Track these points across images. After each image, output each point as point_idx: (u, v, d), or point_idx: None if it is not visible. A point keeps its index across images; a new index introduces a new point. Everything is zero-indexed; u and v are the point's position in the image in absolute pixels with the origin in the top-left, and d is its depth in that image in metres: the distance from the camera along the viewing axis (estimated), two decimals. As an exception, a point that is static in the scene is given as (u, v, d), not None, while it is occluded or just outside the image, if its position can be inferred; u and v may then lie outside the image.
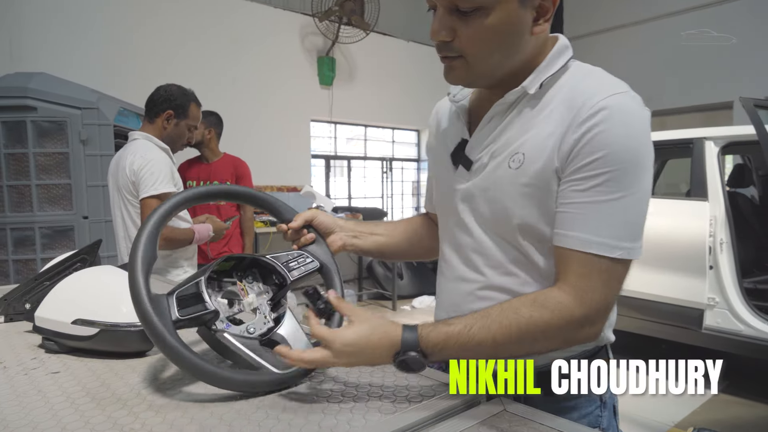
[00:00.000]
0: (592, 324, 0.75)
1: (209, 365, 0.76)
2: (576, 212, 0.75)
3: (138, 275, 0.77)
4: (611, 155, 0.72)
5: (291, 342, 0.86)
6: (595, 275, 0.74)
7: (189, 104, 2.18)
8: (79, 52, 4.20)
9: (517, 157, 0.79)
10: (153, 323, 0.74)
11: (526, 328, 0.73)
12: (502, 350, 0.74)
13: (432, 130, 1.01)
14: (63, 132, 2.66)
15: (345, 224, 1.05)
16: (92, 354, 0.98)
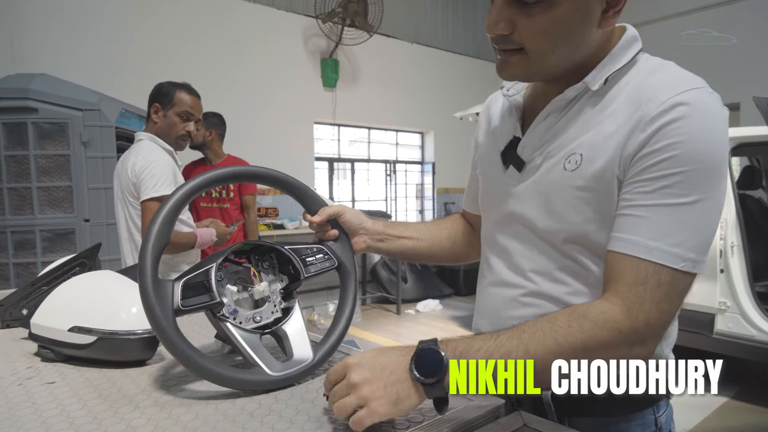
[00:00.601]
0: (643, 343, 0.67)
1: (201, 358, 0.75)
2: (639, 215, 0.67)
3: (147, 257, 0.75)
4: (686, 155, 0.65)
5: (293, 341, 0.85)
6: (651, 287, 0.65)
7: (174, 91, 2.09)
8: (80, 53, 4.18)
9: (573, 158, 0.73)
10: (152, 309, 0.73)
11: (564, 339, 0.65)
12: (538, 372, 0.66)
13: (482, 125, 0.95)
14: (64, 134, 2.63)
15: (372, 226, 0.99)
16: (90, 363, 0.94)
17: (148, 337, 0.93)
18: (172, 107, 2.08)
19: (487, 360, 0.64)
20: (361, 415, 0.62)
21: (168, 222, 0.79)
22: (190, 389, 0.82)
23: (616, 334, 0.65)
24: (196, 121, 2.17)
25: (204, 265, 0.82)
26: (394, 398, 0.63)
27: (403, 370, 0.65)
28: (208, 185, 0.85)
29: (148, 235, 0.77)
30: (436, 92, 7.06)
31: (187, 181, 0.83)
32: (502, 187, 0.84)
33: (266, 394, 0.79)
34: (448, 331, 4.76)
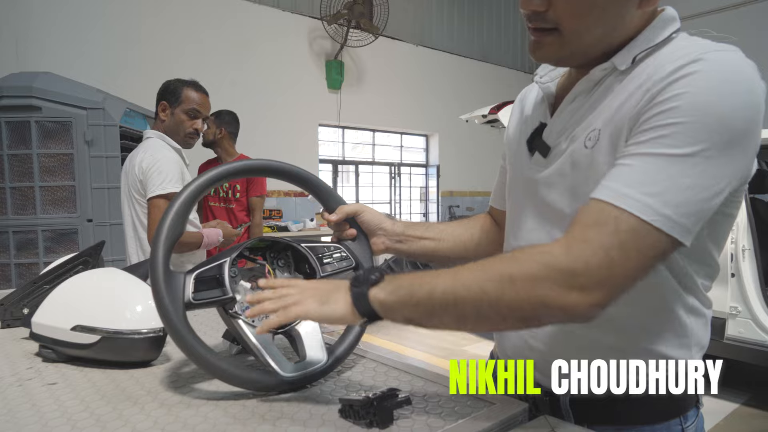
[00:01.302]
0: (582, 289, 0.57)
1: (210, 354, 0.73)
2: (624, 163, 0.61)
3: (159, 247, 0.74)
4: (689, 106, 0.58)
5: (307, 342, 0.83)
6: (606, 231, 0.58)
7: (181, 89, 2.05)
8: (84, 51, 4.16)
9: (592, 134, 0.69)
10: (163, 301, 0.72)
11: (491, 267, 0.61)
12: (462, 300, 0.61)
13: (514, 116, 0.91)
14: (68, 132, 2.60)
15: (391, 227, 0.96)
16: (93, 363, 0.91)
17: (153, 337, 0.89)
18: (180, 105, 2.04)
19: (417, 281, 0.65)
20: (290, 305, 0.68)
21: (182, 213, 0.77)
22: (197, 390, 0.79)
23: (548, 270, 0.58)
24: (205, 119, 2.13)
25: (217, 259, 0.79)
26: (324, 299, 0.68)
27: (338, 284, 0.70)
28: (225, 178, 0.82)
29: (161, 226, 0.75)
30: (440, 95, 7.04)
31: (203, 173, 0.80)
32: (528, 174, 0.80)
33: (277, 395, 0.76)
34: (453, 335, 4.71)
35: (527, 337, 0.79)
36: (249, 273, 0.86)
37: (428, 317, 0.64)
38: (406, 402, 0.67)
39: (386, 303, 0.66)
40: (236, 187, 3.08)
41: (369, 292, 0.67)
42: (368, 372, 0.87)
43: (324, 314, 0.68)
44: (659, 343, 0.71)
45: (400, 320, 0.66)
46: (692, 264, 0.69)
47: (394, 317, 0.66)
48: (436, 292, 0.63)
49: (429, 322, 0.65)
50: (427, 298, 0.63)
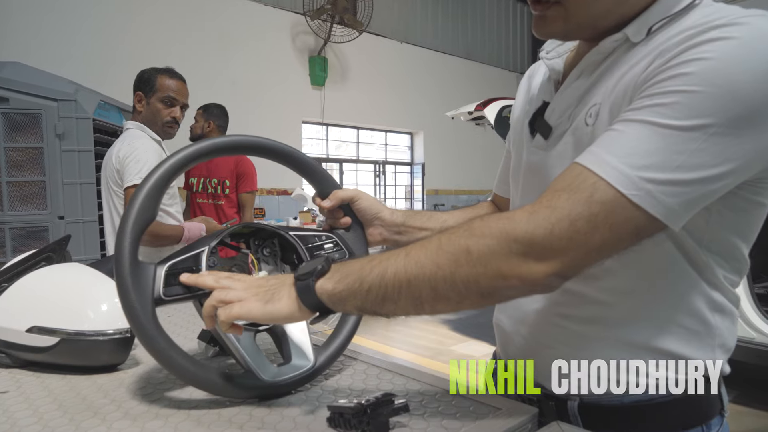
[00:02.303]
0: (540, 258, 0.52)
1: (182, 357, 0.64)
2: (615, 129, 0.54)
3: (126, 234, 0.64)
4: (702, 75, 0.50)
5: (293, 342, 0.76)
6: (577, 199, 0.52)
7: (155, 77, 1.98)
8: (56, 41, 4.01)
9: (593, 109, 0.62)
10: (128, 295, 0.63)
11: (447, 241, 0.55)
12: (416, 279, 0.55)
13: (520, 96, 0.84)
14: (37, 125, 2.47)
15: (390, 217, 0.88)
16: (52, 369, 0.81)
17: (120, 338, 0.81)
18: (155, 93, 1.97)
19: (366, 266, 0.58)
20: (233, 304, 0.61)
21: (153, 196, 0.68)
22: (168, 399, 0.71)
23: (505, 238, 0.53)
24: (183, 106, 2.05)
25: (194, 249, 0.71)
26: (267, 298, 0.62)
27: (284, 279, 0.64)
28: (205, 155, 0.73)
29: (129, 209, 0.66)
30: (425, 93, 6.99)
31: (177, 151, 0.71)
32: (528, 157, 0.74)
33: (258, 402, 0.68)
34: (440, 335, 4.66)
35: (529, 336, 0.72)
36: (230, 263, 0.78)
37: (381, 303, 0.58)
38: (404, 409, 0.60)
39: (335, 293, 0.60)
40: (225, 183, 2.99)
41: (315, 284, 0.60)
42: (358, 375, 0.79)
43: (268, 313, 0.61)
44: (677, 342, 0.64)
45: (351, 310, 0.61)
46: (713, 256, 0.62)
47: (345, 308, 0.60)
48: (387, 275, 0.57)
49: (383, 309, 0.59)
50: (378, 282, 0.57)
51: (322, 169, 0.86)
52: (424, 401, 0.68)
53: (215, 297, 0.63)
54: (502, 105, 4.60)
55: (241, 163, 3.02)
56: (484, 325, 5.02)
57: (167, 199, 2.00)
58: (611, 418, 0.67)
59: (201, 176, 3.04)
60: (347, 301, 0.59)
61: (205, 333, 0.87)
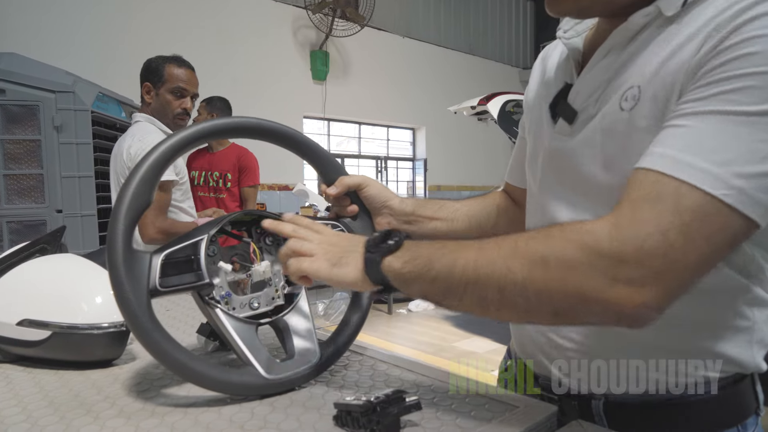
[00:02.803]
0: (631, 282, 0.46)
1: (179, 351, 0.61)
2: (680, 124, 0.49)
3: (119, 221, 0.60)
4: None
5: (297, 335, 0.71)
6: (664, 209, 0.46)
7: (163, 66, 1.91)
8: (54, 32, 3.97)
9: (630, 93, 0.57)
10: (121, 286, 0.59)
11: (524, 245, 0.51)
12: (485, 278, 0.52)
13: (534, 79, 0.79)
14: (35, 117, 2.42)
15: (399, 206, 0.84)
16: (45, 364, 0.78)
17: (115, 332, 0.77)
18: (164, 84, 1.90)
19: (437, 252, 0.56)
20: (303, 258, 0.63)
21: (149, 180, 0.63)
22: (165, 396, 0.67)
23: (587, 253, 0.48)
24: (194, 96, 1.98)
25: (193, 237, 0.66)
26: (335, 261, 0.62)
27: (357, 243, 0.63)
28: (201, 138, 0.69)
29: (122, 195, 0.62)
30: (427, 88, 6.94)
31: (175, 132, 0.67)
32: (551, 144, 0.69)
33: (260, 400, 0.64)
34: (442, 331, 4.63)
35: (553, 333, 0.68)
36: (231, 252, 0.74)
37: (445, 295, 0.55)
38: (416, 406, 0.56)
39: (401, 274, 0.57)
40: (227, 176, 2.96)
41: (382, 260, 0.58)
42: (365, 371, 0.75)
43: (335, 276, 0.61)
44: (714, 339, 0.60)
45: (415, 294, 0.58)
46: (758, 249, 0.58)
47: (409, 290, 0.58)
48: (456, 267, 0.53)
49: (445, 301, 0.56)
50: (446, 273, 0.54)
51: (328, 154, 0.82)
52: (436, 399, 0.64)
53: (290, 246, 0.65)
54: (506, 100, 4.56)
55: (244, 157, 2.99)
56: (487, 322, 4.98)
57: (179, 195, 1.95)
58: (640, 418, 0.63)
59: (203, 169, 3.01)
60: (412, 284, 0.57)
61: (204, 327, 0.83)
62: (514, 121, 4.43)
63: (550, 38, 0.79)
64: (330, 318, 4.41)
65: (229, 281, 0.70)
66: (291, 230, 0.67)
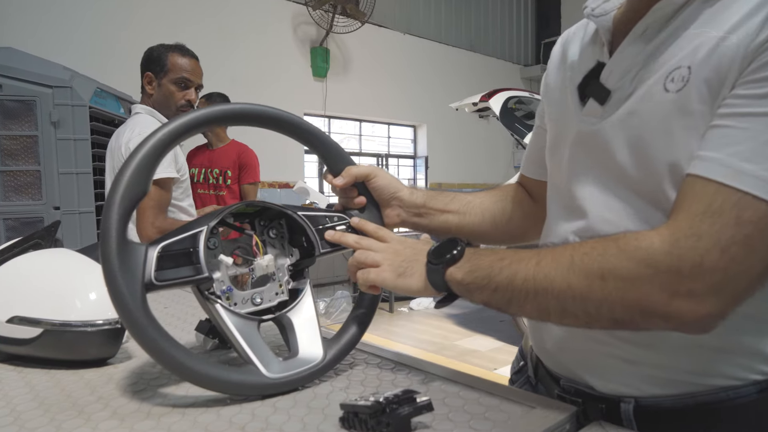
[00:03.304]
0: (692, 295, 0.46)
1: (175, 349, 0.57)
2: (734, 126, 0.47)
3: (113, 210, 0.57)
4: None
5: (300, 333, 0.68)
6: (725, 222, 0.45)
7: (166, 56, 1.82)
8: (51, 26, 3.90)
9: (678, 73, 0.53)
10: (114, 279, 0.55)
11: (580, 260, 0.52)
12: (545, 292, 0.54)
13: (553, 63, 0.76)
14: (31, 112, 2.39)
15: (409, 197, 0.81)
16: (37, 363, 0.75)
17: (110, 330, 0.74)
18: (167, 74, 1.81)
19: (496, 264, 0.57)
20: (369, 269, 0.66)
21: (145, 167, 0.60)
22: (161, 396, 0.64)
23: (646, 269, 0.47)
24: (198, 87, 1.89)
25: (192, 228, 0.63)
26: (400, 270, 0.65)
27: (419, 252, 0.66)
28: (200, 125, 0.66)
29: (117, 183, 0.59)
30: (428, 85, 6.90)
31: (174, 118, 0.64)
32: (580, 127, 0.65)
33: (262, 401, 0.61)
34: (444, 330, 4.59)
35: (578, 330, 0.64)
36: (232, 245, 0.70)
37: (507, 304, 0.58)
38: (427, 407, 0.52)
39: (463, 284, 0.60)
40: (227, 174, 2.93)
41: (445, 271, 0.61)
42: (372, 370, 0.72)
43: (400, 286, 0.65)
44: (759, 337, 0.56)
45: (477, 302, 0.60)
46: None
47: (471, 298, 0.60)
48: (516, 280, 0.56)
49: (508, 309, 0.59)
50: (507, 285, 0.56)
51: (334, 143, 0.79)
52: (447, 398, 0.61)
53: (357, 257, 0.68)
54: (508, 96, 4.51)
55: (244, 154, 2.96)
56: (488, 319, 4.95)
57: (179, 193, 1.86)
58: (672, 423, 0.59)
59: (202, 166, 2.97)
60: (474, 293, 0.59)
61: (203, 324, 0.80)
62: (516, 117, 4.40)
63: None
64: (331, 316, 4.38)
65: (231, 275, 0.66)
66: (354, 242, 0.70)
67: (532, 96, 4.58)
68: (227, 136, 2.99)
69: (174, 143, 0.63)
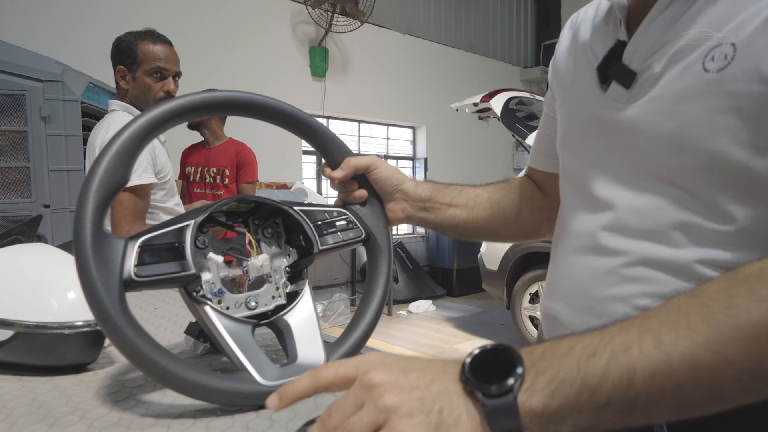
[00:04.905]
0: None
1: (158, 353, 0.51)
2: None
3: (88, 200, 0.51)
4: None
5: (299, 337, 0.61)
6: None
7: (136, 45, 1.64)
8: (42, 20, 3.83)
9: (719, 51, 0.48)
10: (88, 274, 0.49)
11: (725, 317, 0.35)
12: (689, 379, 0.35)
13: (562, 48, 0.71)
14: (21, 107, 2.31)
15: (414, 190, 0.75)
16: (5, 368, 0.67)
17: (89, 332, 0.67)
18: (140, 66, 1.66)
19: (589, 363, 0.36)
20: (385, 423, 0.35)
21: (124, 154, 0.54)
22: (145, 406, 0.57)
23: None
24: (176, 76, 1.75)
25: (177, 223, 0.57)
26: (435, 420, 0.35)
27: (452, 378, 0.37)
28: (186, 113, 0.60)
29: (94, 171, 0.53)
30: (427, 86, 6.85)
31: (160, 103, 0.59)
32: (600, 113, 0.59)
33: (256, 412, 0.54)
34: (443, 333, 4.53)
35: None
36: (225, 245, 0.64)
37: (625, 418, 0.37)
38: None
39: (547, 413, 0.36)
40: (225, 173, 2.86)
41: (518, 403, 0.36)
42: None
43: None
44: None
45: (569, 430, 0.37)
46: None
47: (559, 429, 0.37)
48: (636, 379, 0.35)
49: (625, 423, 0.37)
50: (624, 390, 0.36)
51: (332, 134, 0.73)
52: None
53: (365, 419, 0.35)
54: (509, 96, 4.47)
55: (242, 153, 2.89)
56: (488, 323, 4.90)
57: (162, 195, 1.73)
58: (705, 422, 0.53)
59: (199, 165, 2.90)
60: (564, 421, 0.36)
61: (193, 326, 0.73)
62: (517, 118, 4.35)
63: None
64: (329, 320, 4.31)
65: (223, 277, 0.60)
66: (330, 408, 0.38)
67: (534, 97, 4.54)
68: (224, 134, 2.92)
69: (156, 132, 0.58)
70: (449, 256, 6.21)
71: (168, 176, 1.74)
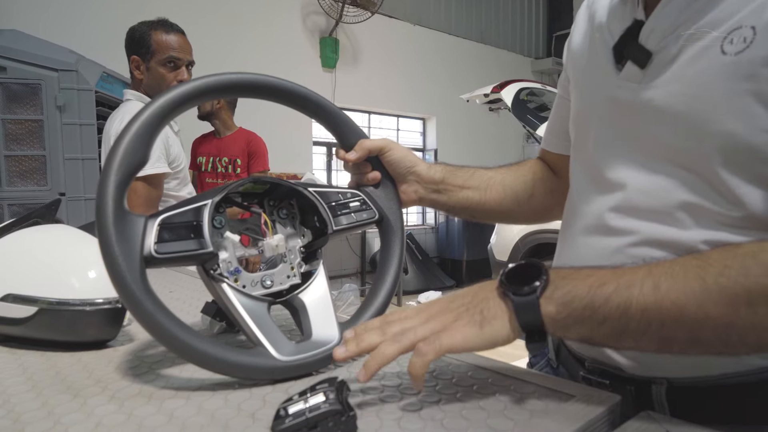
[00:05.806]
0: None
1: (178, 327, 0.53)
2: None
3: (110, 179, 0.53)
4: None
5: (314, 315, 0.63)
6: None
7: (149, 35, 1.67)
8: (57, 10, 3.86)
9: (738, 33, 0.48)
10: (111, 250, 0.51)
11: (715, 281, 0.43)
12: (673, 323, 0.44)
13: (578, 27, 0.71)
14: (37, 96, 2.34)
15: (426, 172, 0.77)
16: (33, 345, 0.70)
17: (110, 309, 0.69)
18: (154, 56, 1.69)
19: (598, 291, 0.46)
20: (439, 334, 0.47)
21: (143, 135, 0.56)
22: (164, 378, 0.59)
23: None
24: (189, 65, 1.77)
25: (195, 202, 0.58)
26: (479, 318, 0.48)
27: (490, 288, 0.51)
28: (205, 94, 0.62)
29: (114, 151, 0.54)
30: (438, 77, 6.82)
31: (174, 86, 0.60)
32: (614, 94, 0.59)
33: (273, 386, 0.56)
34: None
35: None
36: (241, 225, 0.66)
37: (618, 338, 0.47)
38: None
39: (558, 318, 0.47)
40: (236, 162, 2.88)
41: (539, 300, 0.47)
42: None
43: (488, 339, 0.48)
44: None
45: (572, 337, 0.49)
46: None
47: (566, 334, 0.48)
48: (631, 310, 0.45)
49: (617, 343, 0.49)
50: (619, 315, 0.45)
51: (345, 116, 0.74)
52: (476, 387, 0.55)
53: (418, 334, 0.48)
54: (520, 87, 4.44)
55: (253, 142, 2.91)
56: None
57: (176, 185, 1.76)
58: (712, 404, 0.54)
59: (210, 155, 2.92)
60: (570, 328, 0.47)
61: (209, 306, 0.75)
62: (528, 109, 4.33)
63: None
64: (339, 310, 4.34)
65: (239, 256, 0.62)
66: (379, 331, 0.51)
67: (545, 88, 4.51)
68: (234, 123, 2.94)
69: (174, 113, 0.60)
70: (459, 248, 6.22)
71: (181, 166, 1.76)
